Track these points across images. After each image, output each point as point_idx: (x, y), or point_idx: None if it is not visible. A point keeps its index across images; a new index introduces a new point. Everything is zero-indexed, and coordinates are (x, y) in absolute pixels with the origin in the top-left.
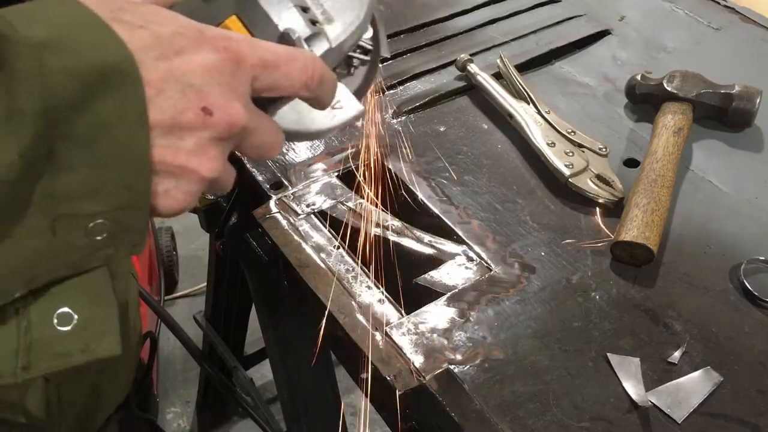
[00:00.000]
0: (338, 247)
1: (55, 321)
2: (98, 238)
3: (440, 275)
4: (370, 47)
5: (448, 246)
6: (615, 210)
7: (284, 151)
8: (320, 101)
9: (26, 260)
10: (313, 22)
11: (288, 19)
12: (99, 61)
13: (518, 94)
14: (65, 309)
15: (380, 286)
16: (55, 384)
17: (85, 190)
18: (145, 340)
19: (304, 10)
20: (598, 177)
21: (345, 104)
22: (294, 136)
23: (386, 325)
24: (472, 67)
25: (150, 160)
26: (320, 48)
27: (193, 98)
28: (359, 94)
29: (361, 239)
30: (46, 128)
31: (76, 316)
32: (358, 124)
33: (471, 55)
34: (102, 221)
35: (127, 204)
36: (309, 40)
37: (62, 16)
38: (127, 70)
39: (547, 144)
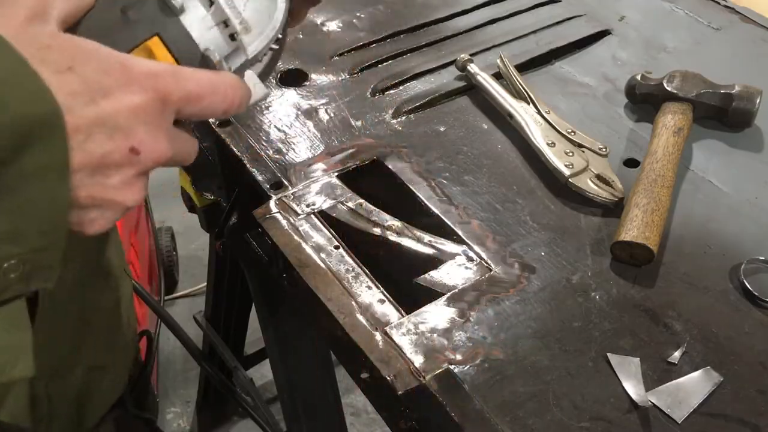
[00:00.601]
0: (338, 247)
1: None
2: (11, 275)
3: (440, 275)
4: (279, 36)
5: (448, 246)
6: (615, 210)
7: (284, 150)
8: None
9: None
10: (233, 36)
11: (208, 38)
12: (27, 115)
13: (518, 94)
14: None
15: (380, 286)
16: (44, 382)
17: (4, 236)
18: (141, 338)
19: (225, 23)
20: (598, 177)
21: (253, 88)
22: None
23: (386, 325)
24: (472, 67)
25: (67, 207)
26: (238, 61)
27: (120, 140)
28: (264, 76)
29: (361, 239)
30: None
31: None
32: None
33: (471, 55)
34: (15, 262)
35: (42, 247)
36: (228, 56)
37: None
38: (53, 122)
39: (547, 144)
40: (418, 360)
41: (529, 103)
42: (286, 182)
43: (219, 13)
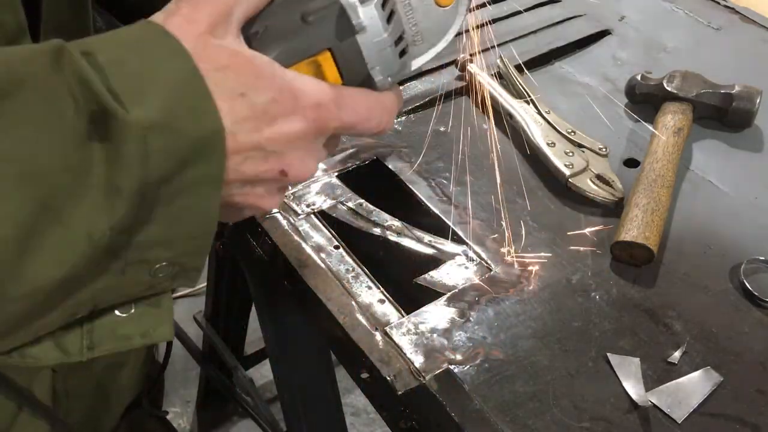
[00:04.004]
0: (338, 247)
1: (116, 311)
2: (161, 275)
3: (440, 275)
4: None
5: (448, 246)
6: (615, 210)
7: None
8: None
9: (93, 295)
10: (402, 52)
11: (378, 57)
12: (195, 137)
13: (518, 94)
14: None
15: (380, 286)
16: (62, 375)
17: (157, 241)
18: None
19: (399, 38)
20: (598, 177)
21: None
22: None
23: (386, 325)
24: (472, 67)
25: (216, 216)
26: (401, 75)
27: (273, 163)
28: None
29: (361, 239)
30: (138, 203)
31: (133, 305)
32: None
33: (471, 55)
34: (166, 264)
35: (191, 251)
36: (394, 73)
37: (171, 84)
38: (215, 143)
39: (547, 144)
40: (418, 360)
41: (529, 103)
42: None
43: (396, 32)
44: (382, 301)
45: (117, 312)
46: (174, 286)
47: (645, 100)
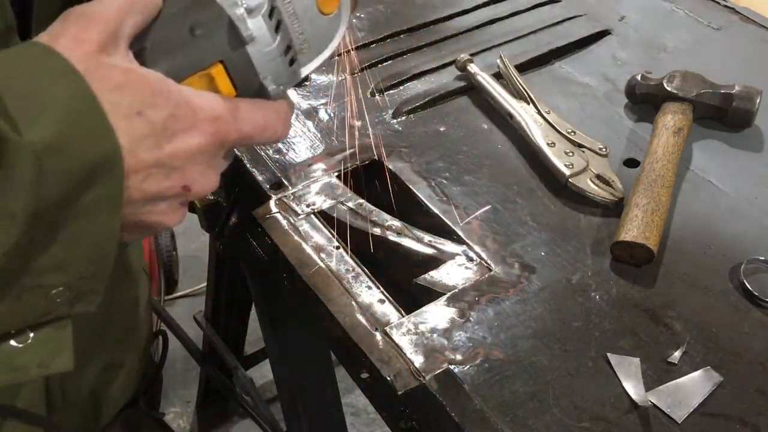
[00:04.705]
0: (338, 247)
1: (12, 340)
2: (58, 300)
3: (440, 275)
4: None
5: (448, 246)
6: (615, 210)
7: (284, 150)
8: None
9: None
10: (292, 61)
11: (269, 67)
12: (91, 158)
13: (518, 94)
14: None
15: (380, 286)
16: (57, 379)
17: (53, 265)
18: (156, 338)
19: (288, 48)
20: (598, 177)
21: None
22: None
23: (386, 325)
24: (472, 67)
25: (116, 238)
26: (292, 82)
27: (176, 179)
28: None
29: (361, 239)
30: (33, 227)
31: (31, 334)
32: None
33: (471, 55)
34: (63, 288)
35: (89, 275)
36: (285, 80)
37: (65, 107)
38: (112, 163)
39: (547, 144)
40: (418, 360)
41: (529, 103)
42: (286, 182)
43: (284, 41)
44: (382, 301)
45: (13, 342)
46: (73, 312)
47: (645, 100)
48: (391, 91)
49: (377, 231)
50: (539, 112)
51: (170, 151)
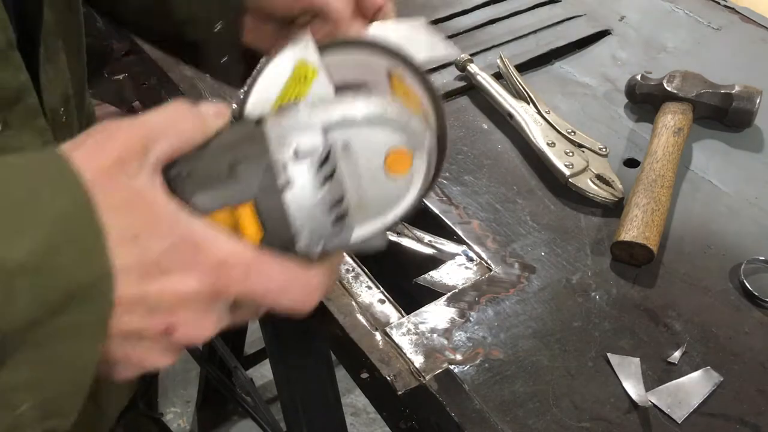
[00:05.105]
0: None
1: None
2: (26, 417)
3: (440, 275)
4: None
5: (448, 246)
6: (615, 210)
7: None
8: None
9: None
10: (340, 217)
11: (308, 216)
12: (78, 280)
13: (518, 94)
14: None
15: (380, 286)
16: None
17: (22, 385)
18: None
19: (337, 202)
20: (598, 177)
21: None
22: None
23: (386, 325)
24: (472, 67)
25: (92, 367)
26: (334, 244)
27: (158, 320)
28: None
29: None
30: (1, 346)
31: None
32: None
33: (471, 55)
34: (32, 406)
35: (61, 397)
36: (326, 239)
37: (56, 219)
38: (103, 287)
39: (547, 144)
40: (418, 360)
41: (529, 103)
42: None
43: (333, 194)
44: (382, 301)
45: None
46: (43, 429)
47: (645, 100)
48: None
49: None
50: (539, 112)
51: (157, 289)
